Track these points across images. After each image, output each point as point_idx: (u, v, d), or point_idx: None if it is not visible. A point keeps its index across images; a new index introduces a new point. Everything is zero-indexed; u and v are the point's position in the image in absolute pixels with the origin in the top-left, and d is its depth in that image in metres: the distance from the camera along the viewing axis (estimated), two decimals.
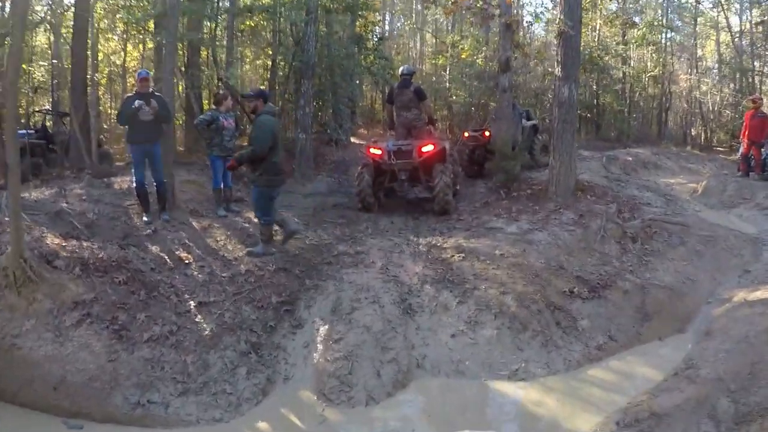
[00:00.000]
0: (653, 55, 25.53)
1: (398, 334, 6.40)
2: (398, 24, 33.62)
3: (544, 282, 7.48)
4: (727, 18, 26.02)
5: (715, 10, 26.85)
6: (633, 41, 24.38)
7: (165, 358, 5.68)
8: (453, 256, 8.06)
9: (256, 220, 7.99)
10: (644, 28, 24.03)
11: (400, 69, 11.73)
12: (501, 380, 6.13)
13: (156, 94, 8.39)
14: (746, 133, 13.88)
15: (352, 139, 18.42)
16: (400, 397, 5.85)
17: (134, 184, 8.28)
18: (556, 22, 10.61)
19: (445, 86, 22.06)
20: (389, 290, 7.07)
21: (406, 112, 10.92)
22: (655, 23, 24.80)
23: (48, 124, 14.83)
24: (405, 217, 10.33)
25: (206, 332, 6.14)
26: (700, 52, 28.16)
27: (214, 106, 9.40)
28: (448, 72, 22.22)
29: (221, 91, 9.55)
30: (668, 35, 26.53)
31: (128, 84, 18.41)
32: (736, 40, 25.38)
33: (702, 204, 12.50)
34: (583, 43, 16.10)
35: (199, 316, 6.33)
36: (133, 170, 8.31)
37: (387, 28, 30.82)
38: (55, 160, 12.85)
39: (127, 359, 5.54)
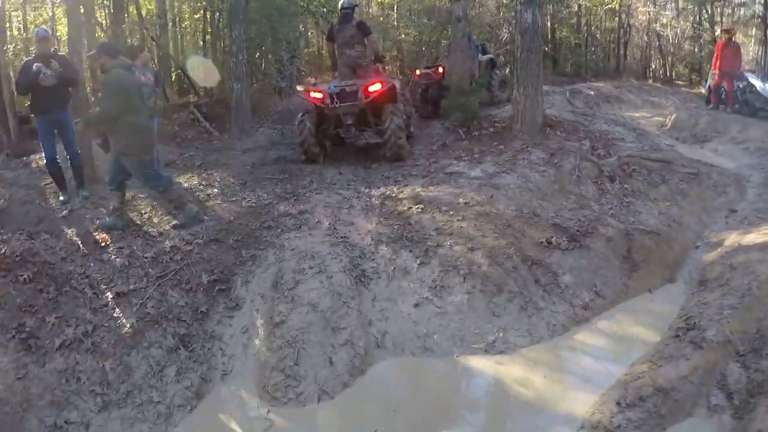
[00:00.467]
0: None
1: (351, 310, 5.34)
2: None
3: (518, 233, 6.49)
4: None
5: None
6: None
7: (81, 367, 4.73)
8: (410, 208, 6.98)
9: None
10: None
11: (340, 2, 10.36)
12: (477, 355, 5.19)
13: (58, 54, 7.25)
14: (718, 63, 13.04)
15: (299, 88, 17.04)
16: (358, 387, 4.85)
17: (44, 161, 7.20)
18: None
19: (393, 25, 20.69)
20: (338, 255, 5.96)
21: (349, 50, 9.69)
22: None
23: None
24: (354, 167, 9.14)
25: (126, 329, 5.09)
26: None
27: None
28: (395, 10, 20.84)
29: (136, 43, 8.09)
30: None
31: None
32: None
33: (673, 138, 11.76)
34: None
35: (118, 310, 5.26)
36: (41, 144, 7.17)
37: None
38: None
39: (38, 374, 4.60)
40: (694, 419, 4.30)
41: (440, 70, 12.49)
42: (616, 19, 24.49)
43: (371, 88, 8.83)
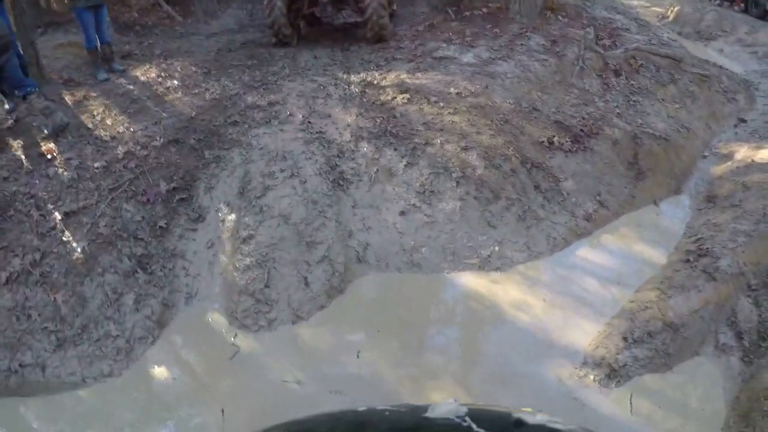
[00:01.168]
0: None
1: (328, 220, 4.65)
2: None
3: (516, 130, 5.78)
4: None
5: None
6: None
7: (30, 302, 4.21)
8: (395, 97, 6.13)
9: None
10: None
11: None
12: (470, 272, 4.65)
13: None
14: None
15: None
16: (336, 308, 4.28)
17: None
18: None
19: None
20: (313, 155, 5.16)
21: None
22: None
23: None
24: (331, 50, 8.11)
25: (77, 254, 4.42)
26: None
27: None
28: None
29: None
30: None
31: None
32: None
33: (675, 32, 10.92)
34: None
35: (67, 233, 4.56)
36: None
37: None
38: None
39: None
40: (701, 359, 3.98)
41: None
42: None
43: None
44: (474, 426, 0.83)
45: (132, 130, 5.55)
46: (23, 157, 5.22)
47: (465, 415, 0.80)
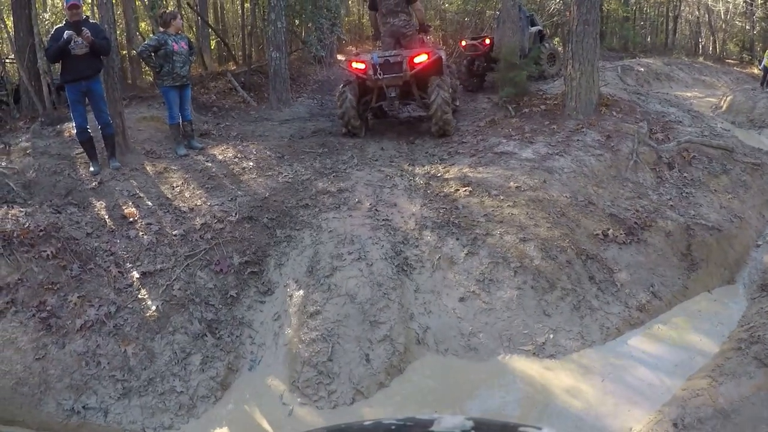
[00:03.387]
0: None
1: (392, 302, 4.97)
2: None
3: (572, 223, 6.06)
4: None
5: None
6: None
7: (101, 351, 4.55)
8: (457, 190, 6.55)
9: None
10: None
11: None
12: (524, 357, 4.84)
13: (90, 21, 6.97)
14: None
15: (339, 57, 16.61)
16: (396, 388, 4.52)
17: (75, 131, 6.96)
18: None
19: None
20: (379, 240, 5.58)
21: (393, 19, 9.13)
22: None
23: None
24: (397, 142, 8.68)
25: (151, 312, 4.86)
26: None
27: (161, 29, 7.80)
28: None
29: (168, 10, 7.68)
30: None
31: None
32: None
33: (728, 122, 11.12)
34: None
35: (143, 291, 5.03)
36: (71, 114, 6.92)
37: None
38: (9, 112, 10.78)
39: (57, 355, 4.46)
40: None
41: (487, 41, 12.00)
42: None
43: (417, 60, 8.35)
44: None
45: (209, 204, 6.11)
46: (106, 216, 5.80)
47: (471, 429, 0.81)
